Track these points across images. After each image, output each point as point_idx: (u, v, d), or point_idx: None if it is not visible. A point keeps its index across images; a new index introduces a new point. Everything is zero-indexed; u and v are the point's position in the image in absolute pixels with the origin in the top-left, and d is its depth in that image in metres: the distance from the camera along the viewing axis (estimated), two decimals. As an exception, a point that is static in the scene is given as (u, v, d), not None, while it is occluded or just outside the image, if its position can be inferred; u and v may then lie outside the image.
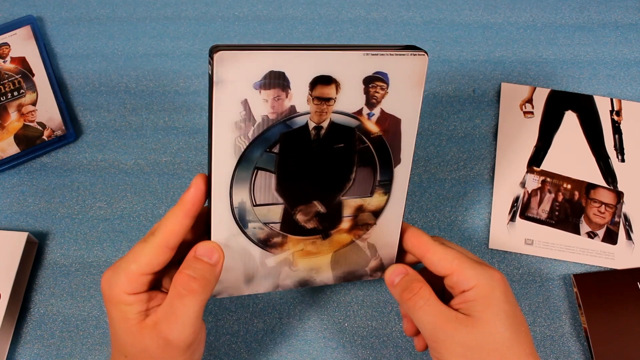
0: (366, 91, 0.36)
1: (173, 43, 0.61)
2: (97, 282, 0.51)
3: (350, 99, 0.36)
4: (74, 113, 0.58)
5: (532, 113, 0.57)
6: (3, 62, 0.58)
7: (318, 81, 0.35)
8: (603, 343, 0.47)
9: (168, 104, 0.58)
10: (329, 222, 0.39)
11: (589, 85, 0.59)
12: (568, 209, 0.53)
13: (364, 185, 0.39)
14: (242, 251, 0.39)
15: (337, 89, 0.35)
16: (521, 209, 0.53)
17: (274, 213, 0.38)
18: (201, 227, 0.38)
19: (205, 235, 0.38)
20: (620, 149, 0.55)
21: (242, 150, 0.36)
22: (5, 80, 0.57)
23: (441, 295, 0.40)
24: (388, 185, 0.39)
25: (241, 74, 0.33)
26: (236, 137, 0.35)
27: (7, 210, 0.54)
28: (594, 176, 0.54)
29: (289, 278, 0.41)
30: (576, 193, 0.54)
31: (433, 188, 0.55)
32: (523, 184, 0.54)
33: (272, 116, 0.35)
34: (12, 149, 0.55)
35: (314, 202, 0.39)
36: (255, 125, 0.35)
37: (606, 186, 0.54)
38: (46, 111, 0.56)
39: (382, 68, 0.35)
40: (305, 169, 0.37)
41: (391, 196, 0.40)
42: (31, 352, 0.49)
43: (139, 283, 0.35)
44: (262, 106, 0.35)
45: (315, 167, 0.37)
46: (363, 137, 0.37)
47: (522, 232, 0.52)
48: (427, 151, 0.56)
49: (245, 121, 0.35)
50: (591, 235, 0.52)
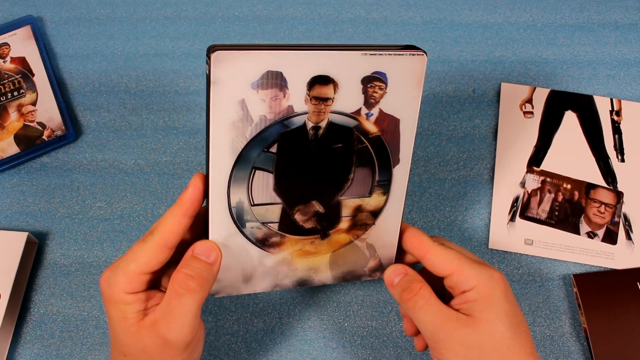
0: (364, 91, 0.36)
1: (173, 43, 0.61)
2: (97, 282, 0.51)
3: (348, 99, 0.36)
4: (74, 113, 0.58)
5: (532, 113, 0.57)
6: (3, 62, 0.58)
7: (316, 81, 0.35)
8: (603, 343, 0.47)
9: (168, 104, 0.58)
10: (328, 222, 0.39)
11: (589, 85, 0.59)
12: (568, 209, 0.53)
13: (363, 185, 0.39)
14: (240, 250, 0.39)
15: (335, 89, 0.35)
16: (521, 209, 0.53)
17: (272, 213, 0.38)
18: (200, 227, 0.38)
19: (203, 234, 0.38)
20: (620, 149, 0.55)
21: (240, 150, 0.35)
22: (5, 80, 0.57)
23: (441, 295, 0.40)
24: (387, 185, 0.39)
25: (238, 74, 0.33)
26: (233, 137, 0.35)
27: (7, 210, 0.54)
28: (594, 176, 0.54)
29: (288, 278, 0.41)
30: (576, 193, 0.54)
31: (433, 188, 0.55)
32: (523, 184, 0.54)
33: (270, 116, 0.35)
34: (12, 149, 0.55)
35: (313, 202, 0.39)
36: (252, 125, 0.35)
37: (606, 186, 0.54)
38: (46, 111, 0.56)
39: (381, 68, 0.35)
40: (303, 169, 0.37)
41: (390, 196, 0.39)
42: (31, 352, 0.49)
43: (138, 282, 0.35)
44: (260, 106, 0.34)
45: (313, 167, 0.37)
46: (361, 137, 0.37)
47: (522, 232, 0.52)
48: (427, 151, 0.56)
49: (242, 121, 0.35)
50: (591, 235, 0.52)
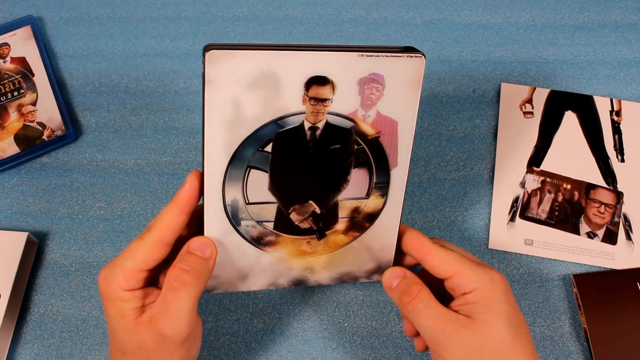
0: (361, 92, 0.35)
1: (173, 43, 0.61)
2: (97, 282, 0.51)
3: (345, 100, 0.36)
4: (74, 113, 0.58)
5: (532, 113, 0.57)
6: (3, 62, 0.58)
7: (314, 81, 0.34)
8: (603, 343, 0.47)
9: (168, 104, 0.58)
10: (324, 223, 0.39)
11: (589, 85, 0.59)
12: (568, 209, 0.53)
13: (360, 186, 0.39)
14: (236, 248, 0.39)
15: (333, 90, 0.35)
16: (521, 209, 0.53)
17: (268, 212, 0.38)
18: (196, 224, 0.38)
19: (199, 232, 0.38)
20: (620, 149, 0.55)
21: (234, 148, 0.36)
22: (5, 80, 0.57)
23: (440, 296, 0.40)
24: (385, 187, 0.39)
25: (233, 73, 0.33)
26: (228, 135, 0.35)
27: (7, 210, 0.54)
28: (594, 176, 0.54)
29: (283, 277, 0.41)
30: (576, 193, 0.54)
31: (433, 188, 0.55)
32: (523, 184, 0.54)
33: (265, 116, 0.35)
34: (12, 149, 0.55)
35: (310, 202, 0.38)
36: (247, 124, 0.35)
37: (606, 186, 0.54)
38: (46, 111, 0.56)
39: (378, 69, 0.35)
40: (300, 169, 0.37)
41: (388, 199, 0.39)
42: (31, 352, 0.49)
43: (135, 279, 0.36)
44: (254, 105, 0.34)
45: (310, 168, 0.37)
46: (358, 139, 0.37)
47: (522, 232, 0.52)
48: (427, 151, 0.56)
49: (237, 120, 0.35)
50: (591, 235, 0.52)
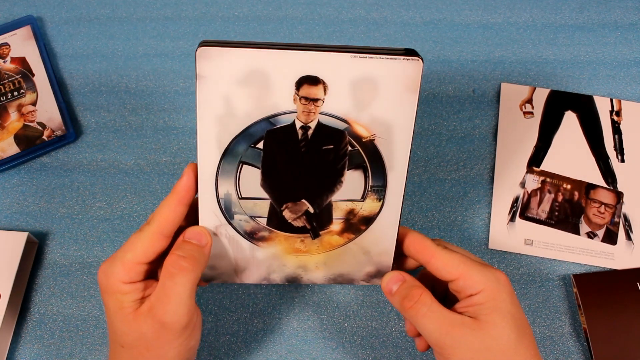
0: (355, 94, 0.35)
1: (173, 43, 0.61)
2: (97, 282, 0.51)
3: (338, 101, 0.35)
4: (74, 113, 0.58)
5: (532, 113, 0.57)
6: (3, 62, 0.58)
7: (305, 81, 0.34)
8: (603, 343, 0.47)
9: (168, 104, 0.58)
10: (319, 222, 0.39)
11: (589, 85, 0.59)
12: (568, 209, 0.53)
13: (356, 189, 0.38)
14: (231, 241, 0.39)
15: (325, 90, 0.35)
16: (521, 209, 0.53)
17: (260, 208, 0.39)
18: (194, 217, 0.39)
19: (196, 223, 0.39)
20: (620, 149, 0.55)
21: (226, 144, 0.36)
22: (5, 80, 0.57)
23: (442, 297, 0.40)
24: (381, 191, 0.38)
25: (223, 70, 0.34)
26: (219, 131, 0.36)
27: (7, 210, 0.54)
28: (594, 176, 0.54)
29: (278, 273, 0.41)
30: (576, 193, 0.54)
31: (433, 188, 0.55)
32: (523, 184, 0.54)
33: (255, 113, 0.35)
34: (12, 149, 0.55)
35: (303, 201, 0.38)
36: (238, 120, 0.35)
37: (606, 186, 0.54)
38: (46, 111, 0.56)
39: (371, 71, 0.34)
40: (292, 168, 0.37)
41: (385, 202, 0.39)
42: (31, 352, 0.49)
43: (135, 272, 0.36)
44: (245, 102, 0.35)
45: (303, 167, 0.37)
46: (353, 141, 0.37)
47: (522, 232, 0.52)
48: (427, 151, 0.56)
49: (228, 116, 0.35)
50: (591, 235, 0.52)
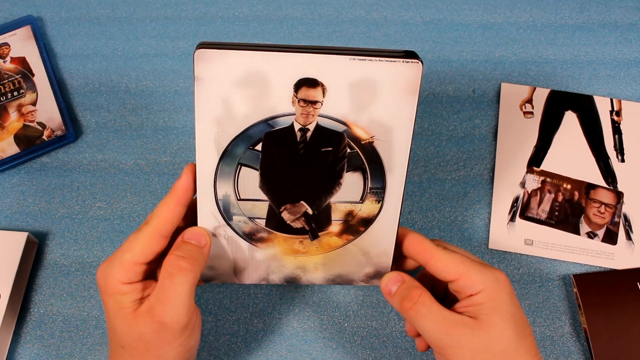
0: (354, 96, 0.35)
1: (173, 43, 0.61)
2: (96, 279, 0.51)
3: (337, 103, 0.35)
4: (74, 113, 0.58)
5: (532, 113, 0.57)
6: (3, 62, 0.58)
7: (303, 83, 0.34)
8: (603, 343, 0.47)
9: (168, 104, 0.58)
10: (317, 224, 0.39)
11: (589, 85, 0.59)
12: (568, 209, 0.53)
13: (354, 190, 0.38)
14: (230, 242, 0.40)
15: (324, 93, 0.35)
16: (521, 209, 0.53)
17: (259, 209, 0.39)
18: (193, 218, 0.39)
19: (195, 224, 0.39)
20: (620, 149, 0.55)
21: (225, 146, 0.36)
22: (5, 80, 0.57)
23: (442, 297, 0.40)
24: (381, 193, 0.38)
25: (221, 72, 0.34)
26: (217, 132, 0.36)
27: (7, 210, 0.54)
28: (594, 176, 0.54)
29: (277, 273, 0.41)
30: (576, 193, 0.54)
31: (433, 188, 0.55)
32: (523, 184, 0.54)
33: (253, 115, 0.35)
34: (12, 149, 0.55)
35: (301, 203, 0.38)
36: (236, 122, 0.35)
37: (606, 186, 0.54)
38: (46, 111, 0.56)
39: (370, 74, 0.34)
40: (291, 170, 0.37)
41: (384, 204, 0.39)
42: (31, 352, 0.49)
43: (134, 272, 0.36)
44: (243, 104, 0.35)
45: (301, 169, 0.37)
46: (352, 143, 0.36)
47: (522, 232, 0.52)
48: (427, 151, 0.56)
49: (226, 118, 0.35)
50: (591, 235, 0.52)
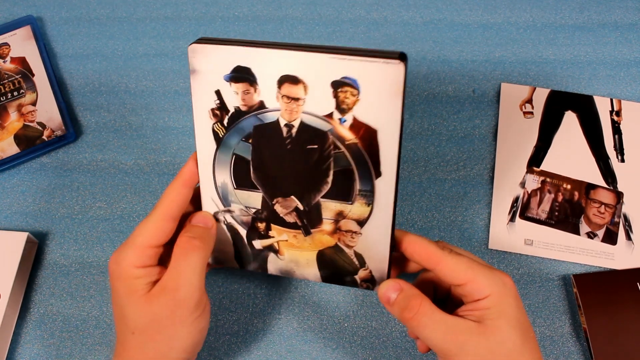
0: (335, 95, 0.35)
1: (173, 43, 0.61)
2: (97, 282, 0.51)
3: (319, 102, 0.35)
4: (74, 113, 0.58)
5: (532, 113, 0.57)
6: (3, 62, 0.58)
7: (285, 80, 0.35)
8: (603, 343, 0.47)
9: (168, 104, 0.58)
10: (309, 220, 0.40)
11: (589, 85, 0.59)
12: (568, 209, 0.53)
13: (344, 191, 0.38)
14: (230, 227, 0.41)
15: (306, 90, 0.35)
16: (521, 209, 0.53)
17: (254, 199, 0.40)
18: (198, 204, 0.41)
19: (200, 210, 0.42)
20: (620, 149, 0.55)
21: (220, 135, 0.38)
22: (5, 80, 0.57)
23: (445, 298, 0.40)
24: (370, 196, 0.38)
25: (212, 66, 0.36)
26: (214, 123, 0.38)
27: (7, 210, 0.54)
28: (594, 176, 0.54)
29: (275, 264, 0.42)
30: (576, 193, 0.54)
31: (433, 188, 0.55)
32: (523, 184, 0.54)
33: (244, 108, 0.37)
34: (12, 149, 0.55)
35: (292, 197, 0.39)
36: (229, 114, 0.37)
37: (606, 186, 0.54)
38: (46, 111, 0.56)
39: (351, 73, 0.34)
40: (280, 164, 0.38)
41: (375, 208, 0.38)
42: (31, 352, 0.49)
43: (146, 256, 0.37)
44: (234, 98, 0.36)
45: (290, 164, 0.38)
46: (337, 142, 0.36)
47: (522, 233, 0.52)
48: (427, 151, 0.56)
49: (220, 109, 0.37)
50: (591, 235, 0.52)
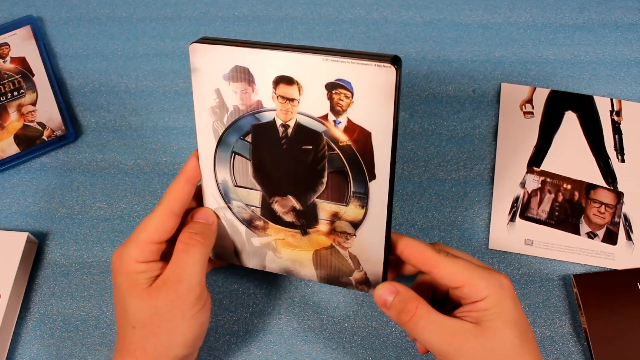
0: (330, 97, 0.35)
1: (173, 43, 0.61)
2: (97, 282, 0.51)
3: (314, 103, 0.36)
4: (74, 113, 0.58)
5: (532, 113, 0.57)
6: (3, 62, 0.58)
7: (280, 80, 0.36)
8: (603, 343, 0.47)
9: (168, 104, 0.58)
10: (306, 220, 0.40)
11: (589, 85, 0.59)
12: (568, 209, 0.53)
13: (339, 192, 0.38)
14: (230, 224, 0.42)
15: (300, 91, 0.35)
16: (521, 209, 0.53)
17: (254, 197, 0.41)
18: (200, 200, 0.43)
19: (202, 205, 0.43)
20: (620, 149, 0.55)
21: (220, 133, 0.39)
22: (5, 80, 0.57)
23: (443, 299, 0.40)
24: (364, 199, 0.38)
25: (212, 65, 0.36)
26: (214, 121, 0.38)
27: (7, 210, 0.54)
28: (594, 176, 0.54)
29: (274, 262, 0.43)
30: (576, 193, 0.53)
31: (433, 188, 0.55)
32: (523, 184, 0.54)
33: (242, 107, 0.37)
34: (12, 149, 0.55)
35: (289, 197, 0.40)
36: (228, 113, 0.38)
37: (606, 186, 0.54)
38: (46, 111, 0.56)
39: (344, 76, 0.34)
40: (278, 163, 0.39)
41: (369, 211, 0.38)
42: (31, 352, 0.49)
43: (149, 251, 0.38)
44: (232, 97, 0.37)
45: (286, 164, 0.39)
46: (332, 144, 0.37)
47: (522, 233, 0.52)
48: (427, 151, 0.56)
49: (219, 108, 0.38)
50: (591, 235, 0.52)
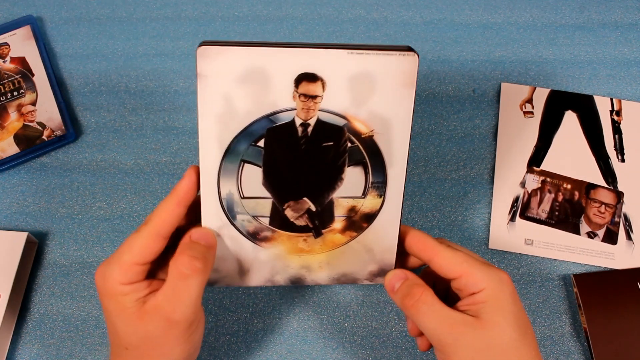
0: (352, 90, 0.35)
1: (173, 43, 0.61)
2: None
3: (336, 98, 0.35)
4: (74, 113, 0.58)
5: (532, 113, 0.57)
6: (3, 62, 0.58)
7: (303, 78, 0.35)
8: (603, 343, 0.47)
9: (168, 104, 0.58)
10: (321, 221, 0.39)
11: (589, 85, 0.59)
12: (568, 209, 0.53)
13: (356, 185, 0.38)
14: (234, 242, 0.39)
15: (324, 87, 0.35)
16: (521, 209, 0.53)
17: (263, 207, 0.38)
18: (194, 215, 0.39)
19: (197, 222, 0.39)
20: (620, 149, 0.55)
21: (228, 142, 0.36)
22: (5, 80, 0.57)
23: (444, 295, 0.40)
24: (382, 187, 0.38)
25: (223, 69, 0.34)
26: (221, 129, 0.36)
27: (7, 210, 0.54)
28: (594, 176, 0.54)
29: (281, 274, 0.41)
30: (576, 193, 0.54)
31: (433, 188, 0.55)
32: (523, 184, 0.54)
33: (255, 111, 0.35)
34: (12, 149, 0.55)
35: (304, 199, 0.38)
36: (239, 118, 0.36)
37: (606, 186, 0.54)
38: (46, 111, 0.56)
39: (368, 67, 0.35)
40: (293, 165, 0.37)
41: (386, 199, 0.39)
42: (31, 352, 0.49)
43: (133, 273, 0.35)
44: (244, 100, 0.35)
45: (304, 164, 0.37)
46: (352, 137, 0.37)
47: (522, 232, 0.52)
48: (427, 151, 0.56)
49: (229, 114, 0.35)
50: (591, 235, 0.52)
